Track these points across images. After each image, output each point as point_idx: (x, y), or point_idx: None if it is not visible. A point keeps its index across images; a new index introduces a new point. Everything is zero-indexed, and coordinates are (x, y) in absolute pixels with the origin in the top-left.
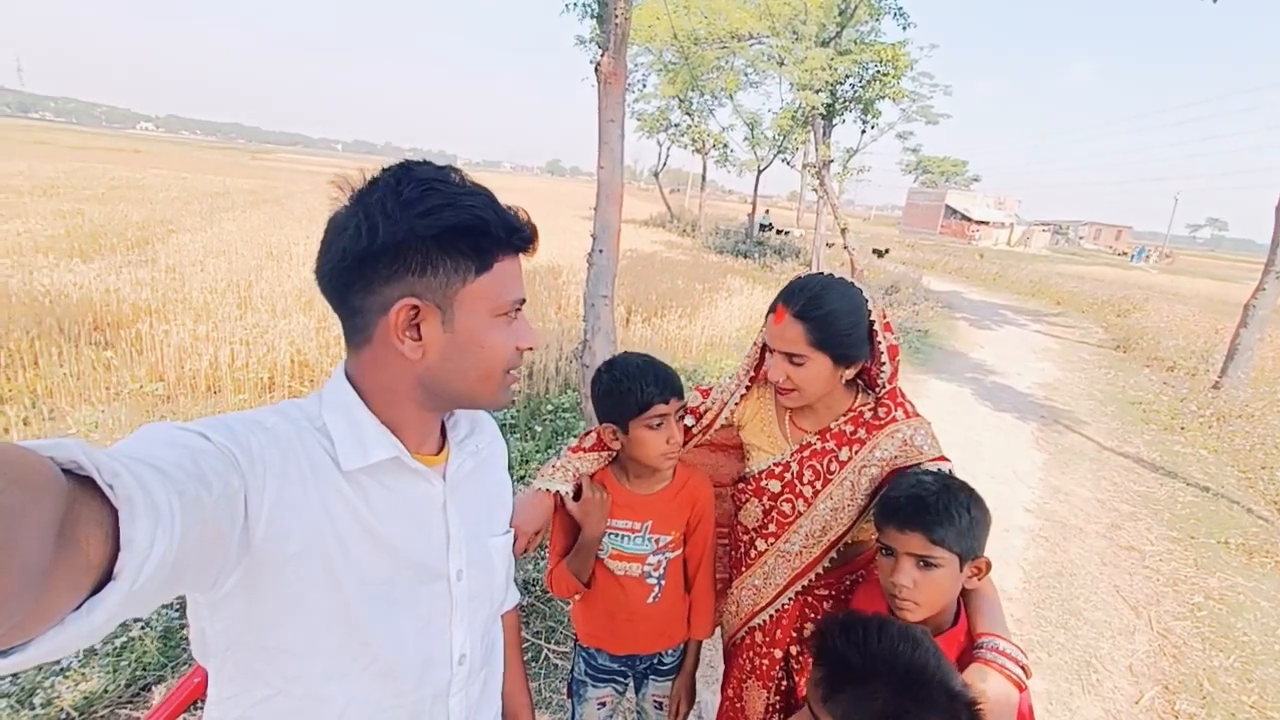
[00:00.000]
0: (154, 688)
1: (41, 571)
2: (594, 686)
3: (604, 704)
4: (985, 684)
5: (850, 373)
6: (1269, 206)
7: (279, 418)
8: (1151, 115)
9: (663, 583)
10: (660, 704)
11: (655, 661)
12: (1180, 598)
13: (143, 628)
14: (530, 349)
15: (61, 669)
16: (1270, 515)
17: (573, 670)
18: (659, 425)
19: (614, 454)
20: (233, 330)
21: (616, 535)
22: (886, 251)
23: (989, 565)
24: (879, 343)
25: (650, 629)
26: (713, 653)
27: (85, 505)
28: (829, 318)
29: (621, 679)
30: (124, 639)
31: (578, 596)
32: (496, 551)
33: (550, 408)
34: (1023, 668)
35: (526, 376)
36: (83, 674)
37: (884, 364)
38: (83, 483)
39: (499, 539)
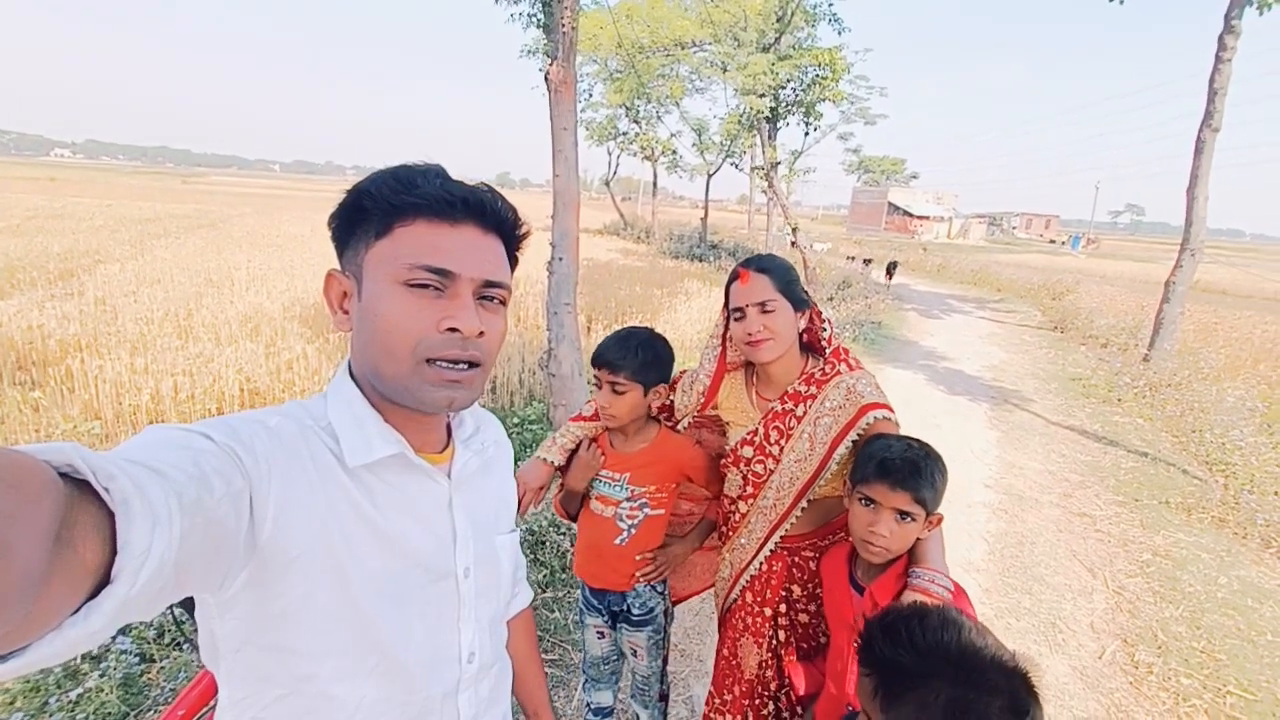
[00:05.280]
0: None
1: (38, 576)
2: (588, 614)
3: (601, 634)
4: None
5: (802, 322)
6: (1181, 190)
7: (282, 417)
8: (1075, 110)
9: (633, 531)
10: (635, 650)
11: (625, 607)
12: (1131, 557)
13: (101, 676)
14: (456, 330)
15: None
16: (1203, 475)
17: None
18: (601, 386)
19: (603, 425)
20: (174, 361)
21: (601, 481)
22: (895, 266)
23: (940, 519)
24: (810, 297)
25: (613, 568)
26: (701, 647)
27: (82, 509)
28: (781, 268)
29: (600, 613)
30: (80, 690)
31: (575, 526)
32: (503, 549)
33: (516, 420)
34: (947, 590)
35: (490, 390)
36: None
37: (824, 322)
38: (79, 486)
39: (505, 537)
